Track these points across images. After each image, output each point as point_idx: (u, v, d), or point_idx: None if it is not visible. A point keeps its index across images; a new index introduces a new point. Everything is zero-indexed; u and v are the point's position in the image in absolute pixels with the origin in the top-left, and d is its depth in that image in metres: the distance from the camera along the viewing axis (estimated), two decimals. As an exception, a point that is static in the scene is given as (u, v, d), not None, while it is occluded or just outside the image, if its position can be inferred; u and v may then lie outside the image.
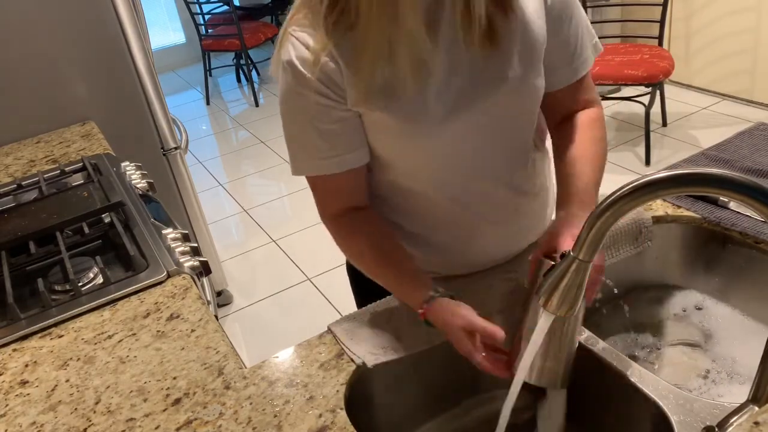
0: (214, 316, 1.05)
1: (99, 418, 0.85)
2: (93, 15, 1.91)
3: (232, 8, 4.32)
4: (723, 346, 1.04)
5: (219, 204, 3.45)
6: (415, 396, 0.97)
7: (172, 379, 0.90)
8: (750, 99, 3.47)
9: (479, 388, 1.02)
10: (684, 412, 0.78)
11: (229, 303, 2.62)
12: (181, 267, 1.15)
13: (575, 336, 0.81)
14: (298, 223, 3.11)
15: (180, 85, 5.39)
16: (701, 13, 3.50)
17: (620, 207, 0.66)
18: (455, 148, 0.90)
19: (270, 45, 5.17)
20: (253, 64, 4.90)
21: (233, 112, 4.69)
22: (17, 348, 1.01)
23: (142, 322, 1.02)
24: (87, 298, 1.09)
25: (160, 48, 5.63)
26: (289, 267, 2.80)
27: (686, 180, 0.63)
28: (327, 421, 0.80)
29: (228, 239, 3.13)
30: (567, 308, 0.74)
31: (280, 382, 0.87)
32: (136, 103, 2.06)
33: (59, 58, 1.90)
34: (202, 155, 4.03)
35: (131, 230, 1.27)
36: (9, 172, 1.67)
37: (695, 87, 3.71)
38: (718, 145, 1.28)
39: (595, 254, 0.70)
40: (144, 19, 2.11)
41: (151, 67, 2.07)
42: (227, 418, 0.82)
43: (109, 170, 1.54)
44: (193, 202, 2.33)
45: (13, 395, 0.91)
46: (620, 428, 0.90)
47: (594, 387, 0.91)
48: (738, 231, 1.06)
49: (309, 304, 2.53)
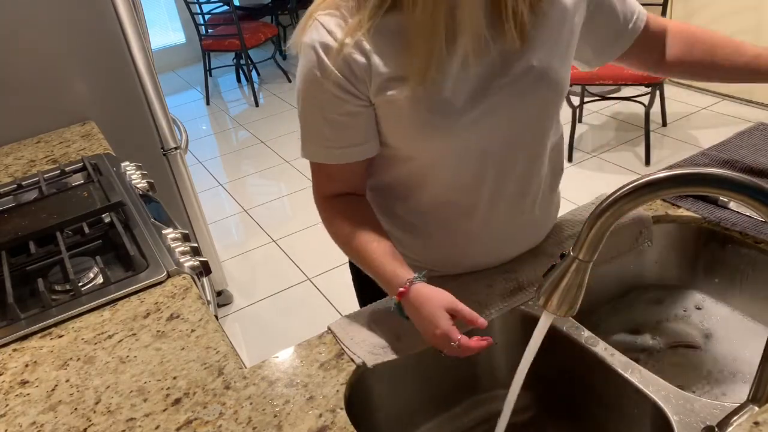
0: (214, 316, 1.05)
1: (99, 418, 0.85)
2: (93, 15, 1.91)
3: (232, 8, 4.32)
4: (723, 346, 1.04)
5: (219, 204, 3.45)
6: (415, 396, 0.97)
7: (172, 379, 0.90)
8: (750, 99, 3.47)
9: (479, 388, 1.02)
10: (684, 412, 0.78)
11: (229, 303, 2.62)
12: (181, 267, 1.15)
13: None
14: (298, 223, 3.11)
15: (180, 85, 5.39)
16: (701, 13, 3.50)
17: (620, 207, 0.66)
18: (475, 139, 0.90)
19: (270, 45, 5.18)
20: (253, 64, 4.90)
21: (233, 112, 4.69)
22: (17, 348, 1.01)
23: (142, 322, 1.02)
24: (87, 298, 1.09)
25: (160, 48, 5.63)
26: (289, 267, 2.80)
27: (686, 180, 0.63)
28: (327, 421, 0.80)
29: (228, 239, 3.13)
30: (567, 308, 0.74)
31: (280, 382, 0.87)
32: (136, 103, 2.06)
33: (59, 58, 1.90)
34: (202, 155, 4.03)
35: (131, 230, 1.27)
36: (9, 172, 1.67)
37: (695, 87, 3.72)
38: (718, 145, 1.28)
39: (595, 254, 0.70)
40: (144, 19, 2.11)
41: (151, 67, 2.07)
42: (227, 418, 0.82)
43: (109, 170, 1.54)
44: (193, 202, 2.33)
45: (13, 395, 0.91)
46: (620, 428, 0.90)
47: (594, 387, 0.91)
48: (738, 231, 1.06)
49: (309, 304, 2.53)
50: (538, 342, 0.77)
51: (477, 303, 0.97)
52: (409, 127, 0.88)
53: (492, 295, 0.99)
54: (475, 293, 0.99)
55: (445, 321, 0.82)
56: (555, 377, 0.97)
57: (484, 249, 1.01)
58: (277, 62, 5.17)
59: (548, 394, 1.00)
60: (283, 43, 5.53)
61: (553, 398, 1.00)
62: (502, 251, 1.03)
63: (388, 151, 0.94)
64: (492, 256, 1.03)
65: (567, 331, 0.92)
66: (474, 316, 0.83)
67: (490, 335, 0.97)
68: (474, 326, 0.83)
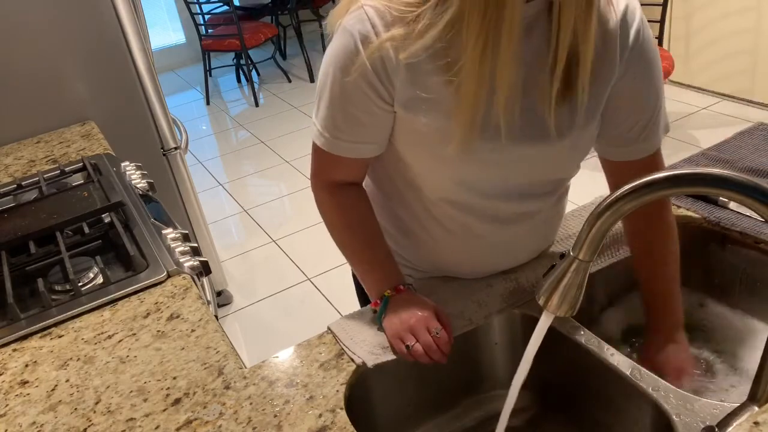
0: (214, 316, 1.05)
1: (99, 418, 0.85)
2: (93, 15, 1.91)
3: (232, 8, 4.32)
4: (723, 345, 1.04)
5: (219, 204, 3.45)
6: (415, 396, 0.97)
7: (172, 379, 0.90)
8: (750, 99, 3.47)
9: (479, 388, 1.02)
10: (684, 412, 0.78)
11: (229, 303, 2.62)
12: (181, 267, 1.15)
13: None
14: (298, 223, 3.11)
15: (180, 85, 5.39)
16: (701, 13, 3.50)
17: (620, 207, 0.66)
18: (486, 173, 0.88)
19: (270, 45, 5.18)
20: (253, 64, 4.89)
21: (233, 112, 4.69)
22: (17, 348, 1.01)
23: (142, 322, 1.02)
24: (87, 298, 1.09)
25: (160, 48, 5.62)
26: (289, 267, 2.80)
27: (686, 180, 0.63)
28: (327, 421, 0.80)
29: (228, 239, 3.13)
30: (567, 308, 0.74)
31: (280, 382, 0.87)
32: (136, 103, 2.06)
33: (59, 58, 1.90)
34: (202, 155, 4.03)
35: (131, 230, 1.27)
36: (9, 172, 1.67)
37: (695, 87, 3.71)
38: (718, 145, 1.28)
39: (595, 254, 0.70)
40: (144, 19, 2.11)
41: (151, 67, 2.07)
42: (227, 418, 0.82)
43: (109, 170, 1.54)
44: (193, 202, 2.33)
45: (13, 395, 0.91)
46: (620, 428, 0.90)
47: (594, 387, 0.91)
48: (738, 231, 1.06)
49: (309, 304, 2.53)
50: (538, 342, 0.77)
51: (477, 303, 0.98)
52: (419, 146, 0.87)
53: (492, 295, 0.99)
54: (475, 293, 0.99)
55: (433, 322, 0.87)
56: (555, 377, 0.97)
57: (483, 261, 1.01)
58: (277, 62, 5.17)
59: (548, 394, 1.00)
60: (283, 43, 5.53)
61: (553, 398, 1.00)
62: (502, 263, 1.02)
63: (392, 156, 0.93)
64: (491, 267, 1.02)
65: (567, 331, 0.92)
66: (451, 327, 0.90)
67: (490, 335, 0.98)
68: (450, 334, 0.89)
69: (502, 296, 0.98)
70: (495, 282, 1.01)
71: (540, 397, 1.01)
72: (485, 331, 0.97)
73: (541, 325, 0.77)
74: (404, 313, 0.89)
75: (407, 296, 0.92)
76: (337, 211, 0.97)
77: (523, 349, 0.79)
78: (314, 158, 0.95)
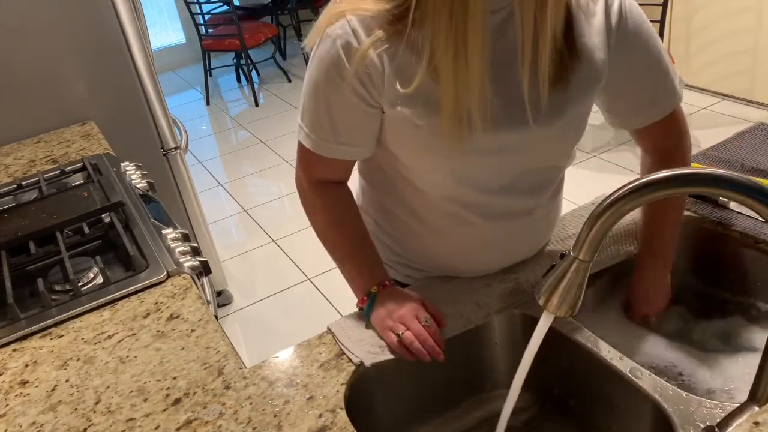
0: (214, 316, 1.05)
1: (99, 418, 0.85)
2: (93, 15, 1.91)
3: (232, 8, 4.32)
4: (723, 345, 1.04)
5: (219, 204, 3.45)
6: (415, 396, 0.97)
7: (172, 379, 0.90)
8: (750, 99, 3.47)
9: (479, 388, 1.02)
10: (684, 412, 0.78)
11: (229, 303, 2.62)
12: (181, 267, 1.15)
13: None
14: (298, 223, 3.11)
15: (180, 85, 5.39)
16: (701, 13, 3.50)
17: (620, 207, 0.66)
18: (479, 165, 0.88)
19: (270, 45, 5.18)
20: (253, 64, 4.89)
21: (233, 112, 4.69)
22: (17, 348, 1.01)
23: (142, 322, 1.02)
24: (87, 298, 1.09)
25: (160, 48, 5.62)
26: (289, 267, 2.80)
27: (686, 180, 0.63)
28: (327, 421, 0.80)
29: (228, 239, 3.13)
30: (567, 308, 0.74)
31: (280, 382, 0.87)
32: (136, 103, 2.06)
33: (59, 58, 1.90)
34: (202, 155, 4.03)
35: (131, 230, 1.27)
36: (9, 172, 1.67)
37: (695, 87, 3.71)
38: (718, 145, 1.28)
39: (595, 254, 0.70)
40: (144, 19, 2.11)
41: (151, 67, 2.07)
42: (227, 418, 0.82)
43: (109, 170, 1.54)
44: (193, 202, 2.33)
45: (13, 395, 0.91)
46: (620, 428, 0.90)
47: (594, 387, 0.91)
48: (738, 231, 1.06)
49: (309, 304, 2.53)
50: (538, 342, 0.77)
51: (476, 303, 0.97)
52: (411, 142, 0.88)
53: (491, 295, 0.99)
54: (474, 293, 0.99)
55: (422, 312, 0.89)
56: (555, 377, 0.97)
57: (481, 258, 1.00)
58: (277, 62, 5.17)
59: (548, 394, 1.00)
60: (283, 43, 5.53)
61: (553, 398, 1.00)
62: (500, 260, 1.02)
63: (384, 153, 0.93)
64: (489, 264, 1.02)
65: (567, 332, 0.92)
66: (439, 316, 0.91)
67: (490, 335, 0.98)
68: (438, 325, 0.90)
69: (502, 296, 0.98)
70: (494, 282, 1.01)
71: (540, 397, 1.01)
72: (485, 332, 0.97)
73: (541, 325, 0.77)
74: (391, 305, 0.90)
75: (393, 291, 0.94)
76: (324, 209, 0.99)
77: (523, 349, 0.79)
78: (300, 157, 0.96)
